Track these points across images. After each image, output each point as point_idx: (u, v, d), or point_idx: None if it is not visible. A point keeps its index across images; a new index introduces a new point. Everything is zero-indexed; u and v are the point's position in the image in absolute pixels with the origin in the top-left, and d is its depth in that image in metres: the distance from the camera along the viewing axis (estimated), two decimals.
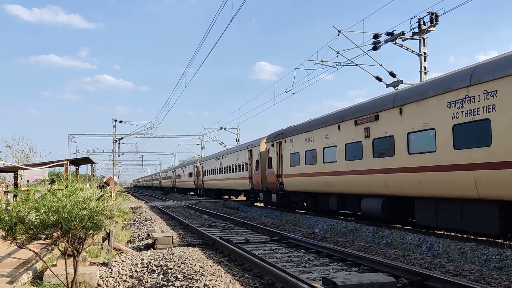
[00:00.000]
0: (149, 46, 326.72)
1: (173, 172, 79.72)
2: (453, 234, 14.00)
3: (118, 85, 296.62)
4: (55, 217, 6.00)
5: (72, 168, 18.21)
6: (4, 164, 22.35)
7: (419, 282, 7.88)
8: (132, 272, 9.25)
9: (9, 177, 32.87)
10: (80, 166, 19.76)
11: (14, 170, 18.71)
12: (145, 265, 9.64)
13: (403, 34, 21.64)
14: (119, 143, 59.82)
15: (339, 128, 18.28)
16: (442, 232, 14.46)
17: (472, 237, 13.22)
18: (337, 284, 6.87)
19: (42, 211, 5.95)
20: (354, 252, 10.71)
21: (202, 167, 50.46)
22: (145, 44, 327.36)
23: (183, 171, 67.14)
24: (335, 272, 9.20)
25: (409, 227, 16.03)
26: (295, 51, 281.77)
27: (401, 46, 22.03)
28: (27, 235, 6.05)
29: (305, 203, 23.35)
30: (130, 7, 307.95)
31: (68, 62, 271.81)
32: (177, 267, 8.98)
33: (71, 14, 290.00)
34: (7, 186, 26.86)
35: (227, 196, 45.99)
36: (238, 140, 57.27)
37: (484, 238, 12.90)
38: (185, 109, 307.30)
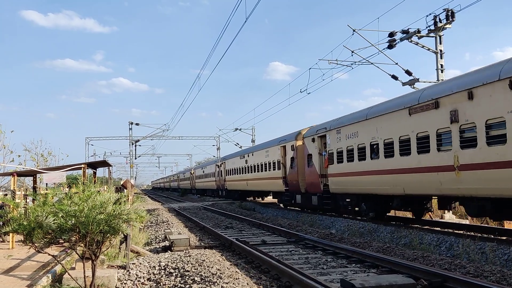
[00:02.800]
0: (163, 48, 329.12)
1: (218, 166, 48.86)
2: (473, 233, 13.80)
3: (134, 87, 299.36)
4: (72, 221, 6.04)
5: (89, 171, 18.37)
6: (23, 168, 22.64)
7: (439, 284, 7.77)
8: (150, 274, 9.29)
9: (28, 180, 33.31)
10: (97, 169, 19.93)
11: (32, 174, 18.93)
12: (163, 268, 9.66)
13: (419, 31, 21.42)
14: (135, 146, 60.31)
15: None
16: (462, 232, 14.26)
17: (492, 236, 13.01)
18: (355, 286, 6.80)
19: (60, 215, 6.00)
20: (372, 253, 10.62)
21: (323, 144, 22.09)
22: (160, 47, 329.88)
23: (246, 162, 36.91)
24: (353, 273, 9.12)
25: (427, 226, 15.83)
26: (309, 51, 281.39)
27: (417, 44, 21.81)
28: (45, 239, 6.11)
29: None
30: (143, 10, 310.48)
31: (83, 65, 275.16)
32: (195, 269, 8.99)
33: (86, 19, 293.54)
34: (26, 189, 27.21)
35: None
36: (253, 141, 57.13)
37: (505, 238, 12.68)
38: (200, 111, 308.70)
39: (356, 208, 19.52)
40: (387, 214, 18.81)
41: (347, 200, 19.82)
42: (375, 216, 17.90)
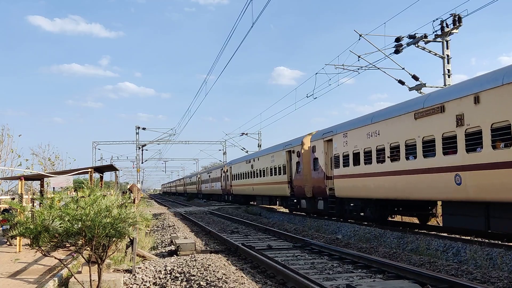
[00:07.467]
0: (169, 53, 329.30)
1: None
2: (480, 239, 13.71)
3: (140, 92, 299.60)
4: (79, 225, 6.07)
5: (96, 175, 18.44)
6: (30, 172, 22.78)
7: None
8: (156, 279, 9.30)
9: (36, 184, 33.50)
10: (104, 173, 20.00)
11: (40, 178, 19.04)
12: (169, 272, 9.68)
13: (426, 37, 21.35)
14: (142, 150, 60.43)
15: None
16: (469, 238, 14.16)
17: (500, 242, 12.92)
18: None
19: (66, 219, 6.03)
20: (378, 258, 10.57)
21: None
22: (166, 52, 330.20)
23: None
24: (359, 279, 9.08)
25: (434, 232, 15.73)
26: (315, 56, 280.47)
27: (423, 49, 21.75)
28: (51, 243, 6.13)
29: None
30: (150, 16, 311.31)
31: (90, 70, 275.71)
32: (200, 274, 9.00)
33: (92, 24, 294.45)
34: (34, 193, 27.37)
35: None
36: (259, 146, 57.21)
37: None
38: (207, 116, 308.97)
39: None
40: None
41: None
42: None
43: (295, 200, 27.21)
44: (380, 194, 17.01)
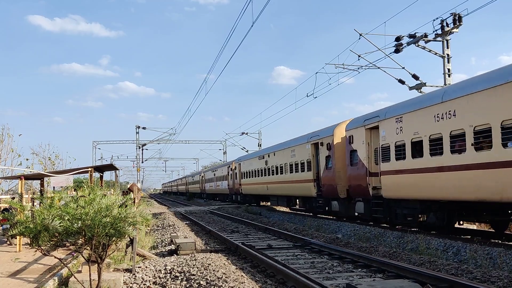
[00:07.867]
0: (169, 53, 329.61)
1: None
2: (480, 238, 13.71)
3: (140, 92, 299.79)
4: (78, 224, 6.07)
5: (96, 174, 18.44)
6: (30, 171, 22.79)
7: None
8: (156, 278, 9.30)
9: (36, 184, 33.51)
10: (104, 172, 20.00)
11: (40, 177, 19.04)
12: (168, 271, 9.68)
13: (426, 36, 21.35)
14: (142, 149, 60.44)
15: None
16: (469, 237, 14.16)
17: (500, 242, 12.93)
18: None
19: (66, 218, 6.03)
20: (378, 258, 10.57)
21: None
22: (166, 52, 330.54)
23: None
24: (359, 278, 9.09)
25: (434, 232, 15.70)
26: (315, 55, 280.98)
27: (423, 48, 21.74)
28: (51, 242, 6.13)
29: None
30: (150, 16, 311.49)
31: (90, 70, 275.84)
32: (200, 273, 9.00)
33: (92, 23, 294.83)
34: (34, 193, 27.37)
35: None
36: (260, 145, 57.21)
37: None
38: (207, 115, 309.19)
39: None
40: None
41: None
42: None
43: (322, 202, 23.10)
44: (453, 194, 13.12)
